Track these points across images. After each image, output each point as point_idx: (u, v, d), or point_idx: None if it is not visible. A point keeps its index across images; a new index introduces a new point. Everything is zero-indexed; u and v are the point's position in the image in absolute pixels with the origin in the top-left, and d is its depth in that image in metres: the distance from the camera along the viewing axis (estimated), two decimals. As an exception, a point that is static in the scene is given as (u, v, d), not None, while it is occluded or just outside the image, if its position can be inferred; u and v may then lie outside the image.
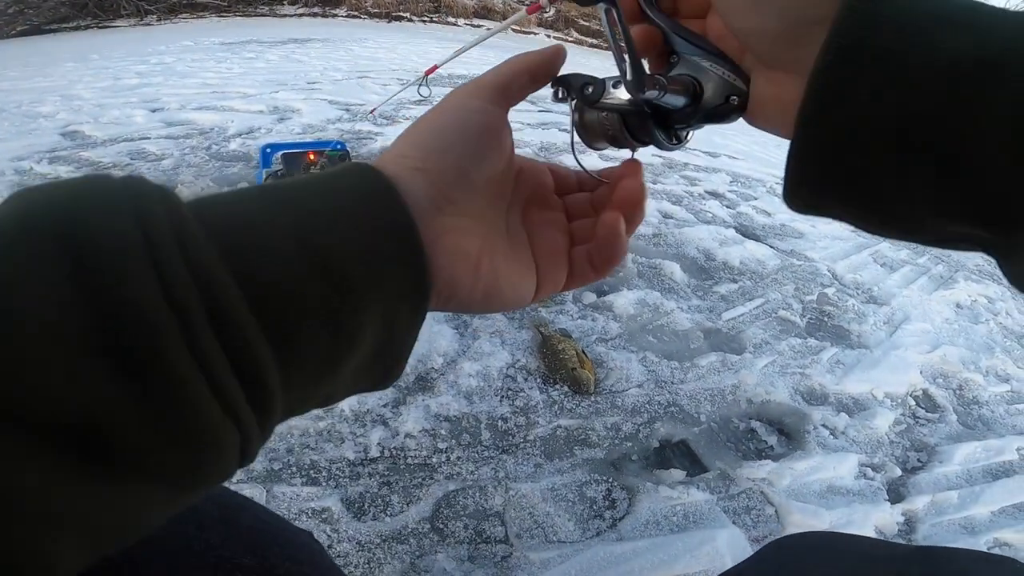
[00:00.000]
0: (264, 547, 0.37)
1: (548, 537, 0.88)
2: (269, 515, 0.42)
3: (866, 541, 0.42)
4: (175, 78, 3.59)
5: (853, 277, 1.97)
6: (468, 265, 0.26)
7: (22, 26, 7.16)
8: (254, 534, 0.38)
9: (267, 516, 0.42)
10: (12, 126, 2.54)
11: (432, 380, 1.13)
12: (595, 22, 10.67)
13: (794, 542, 0.46)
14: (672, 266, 1.68)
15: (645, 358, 1.28)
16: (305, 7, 8.85)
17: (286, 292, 0.19)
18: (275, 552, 0.37)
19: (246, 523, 0.38)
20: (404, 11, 9.29)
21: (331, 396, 0.23)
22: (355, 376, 0.23)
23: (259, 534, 0.38)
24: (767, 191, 2.84)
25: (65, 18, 7.48)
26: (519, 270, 0.29)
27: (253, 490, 0.89)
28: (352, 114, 2.93)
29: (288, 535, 0.41)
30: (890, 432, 1.24)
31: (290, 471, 0.93)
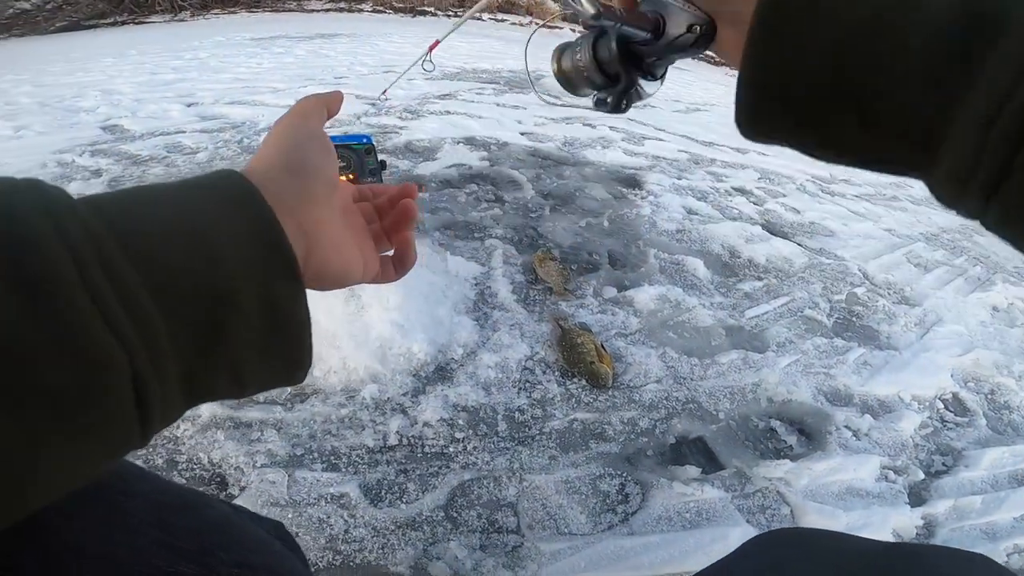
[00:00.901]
0: (207, 551, 0.35)
1: (559, 529, 0.88)
2: (220, 512, 0.39)
3: (847, 538, 0.42)
4: (208, 73, 3.69)
5: (885, 277, 1.91)
6: (333, 248, 0.32)
7: (62, 22, 7.43)
8: (196, 537, 0.35)
9: (216, 515, 0.39)
10: (55, 120, 2.65)
11: (452, 371, 1.15)
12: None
13: (777, 537, 0.47)
14: (695, 262, 1.66)
15: (665, 354, 1.27)
16: (332, 1, 8.96)
17: (165, 256, 0.22)
18: (220, 557, 0.35)
19: (187, 524, 0.36)
20: (428, 5, 9.32)
21: (238, 368, 0.25)
22: (258, 352, 0.26)
23: (202, 536, 0.36)
24: (797, 188, 2.78)
25: (103, 14, 7.74)
26: (356, 256, 0.35)
27: (276, 475, 0.92)
28: (378, 108, 2.97)
29: (240, 535, 0.38)
30: (915, 435, 1.21)
31: (311, 456, 0.96)
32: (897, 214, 2.83)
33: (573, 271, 1.56)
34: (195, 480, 0.90)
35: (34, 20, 7.39)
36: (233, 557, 0.36)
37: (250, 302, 0.24)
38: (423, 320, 1.20)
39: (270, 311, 0.25)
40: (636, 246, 1.75)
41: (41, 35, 7.00)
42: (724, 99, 5.45)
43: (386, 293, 1.17)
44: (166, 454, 0.93)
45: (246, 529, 0.40)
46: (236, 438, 0.97)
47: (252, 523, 0.44)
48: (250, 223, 0.26)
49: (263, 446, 0.96)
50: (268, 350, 0.26)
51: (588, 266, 1.61)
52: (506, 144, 2.54)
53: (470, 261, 1.50)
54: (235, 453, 0.94)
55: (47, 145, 2.27)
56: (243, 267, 0.24)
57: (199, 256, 0.23)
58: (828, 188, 2.97)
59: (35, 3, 7.68)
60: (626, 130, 3.13)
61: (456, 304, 1.31)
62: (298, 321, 0.27)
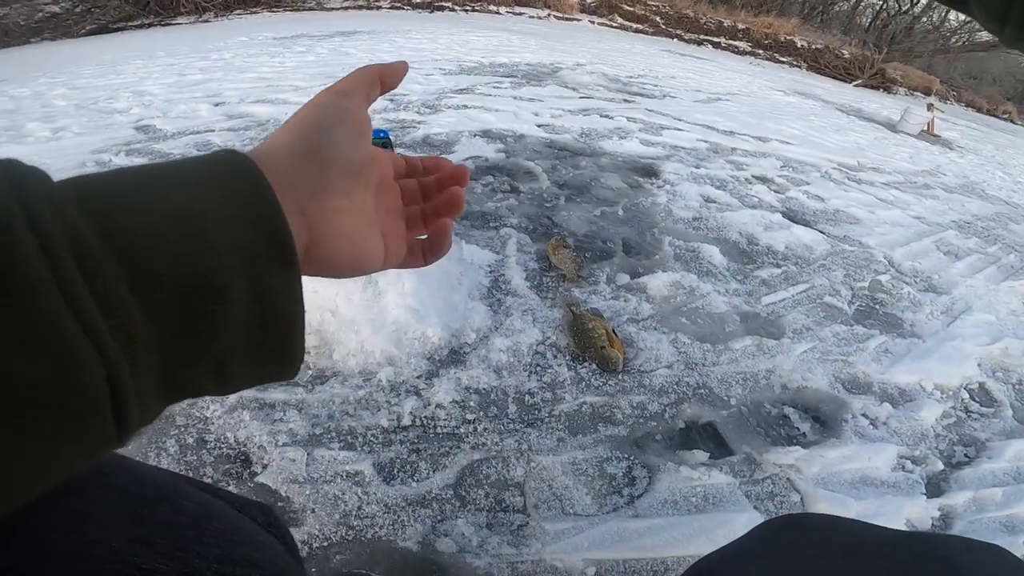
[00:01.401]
0: (184, 546, 0.33)
1: (565, 509, 0.89)
2: (199, 503, 0.37)
3: (860, 525, 0.41)
4: (234, 73, 3.78)
5: (912, 265, 1.86)
6: (346, 239, 0.30)
7: (91, 25, 7.68)
8: (172, 531, 0.33)
9: (194, 507, 0.36)
10: (91, 121, 2.75)
11: (464, 354, 1.17)
12: (639, 7, 10.37)
13: (788, 522, 0.46)
14: (711, 249, 1.64)
15: (676, 339, 1.26)
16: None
17: (147, 241, 0.21)
18: (197, 551, 0.33)
19: (162, 518, 0.34)
20: (446, 0, 9.35)
21: (223, 363, 0.24)
22: (245, 346, 0.24)
23: (179, 530, 0.34)
24: (822, 176, 2.71)
25: (130, 16, 7.97)
26: (376, 245, 0.33)
27: (296, 453, 0.95)
28: (396, 104, 3.00)
29: (220, 527, 0.36)
30: (937, 425, 1.18)
31: (330, 436, 0.99)
32: (928, 202, 2.74)
33: (587, 259, 1.56)
34: (222, 458, 0.93)
35: (64, 24, 7.66)
36: (211, 551, 0.34)
37: (240, 293, 0.23)
38: (437, 305, 1.22)
39: (261, 303, 0.24)
40: (651, 234, 1.74)
41: (72, 39, 7.24)
42: (747, 88, 5.34)
43: (402, 280, 1.19)
44: (196, 433, 0.97)
45: (227, 520, 0.38)
46: (260, 418, 1.00)
47: (237, 511, 0.41)
48: (247, 207, 0.24)
49: (285, 426, 0.99)
50: (257, 344, 0.24)
51: (602, 254, 1.61)
52: (522, 136, 2.55)
53: (485, 249, 1.52)
54: (259, 432, 0.97)
55: (85, 145, 2.37)
56: (235, 255, 0.23)
57: (187, 241, 0.22)
58: (855, 176, 2.89)
59: (64, 7, 7.96)
60: (644, 121, 3.11)
61: (470, 290, 1.33)
62: (291, 315, 0.25)
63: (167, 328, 0.21)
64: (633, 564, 0.82)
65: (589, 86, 3.94)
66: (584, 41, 6.92)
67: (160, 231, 0.21)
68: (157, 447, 0.92)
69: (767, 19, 11.13)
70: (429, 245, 0.38)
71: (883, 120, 5.45)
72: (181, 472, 0.91)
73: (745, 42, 10.28)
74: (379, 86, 0.35)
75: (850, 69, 9.79)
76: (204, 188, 0.24)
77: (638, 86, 4.26)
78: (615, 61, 5.39)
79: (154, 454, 0.91)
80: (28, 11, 7.83)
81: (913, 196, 2.74)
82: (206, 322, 0.22)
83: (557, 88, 3.73)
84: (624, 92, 3.93)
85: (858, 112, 5.68)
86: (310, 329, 1.17)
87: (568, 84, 3.92)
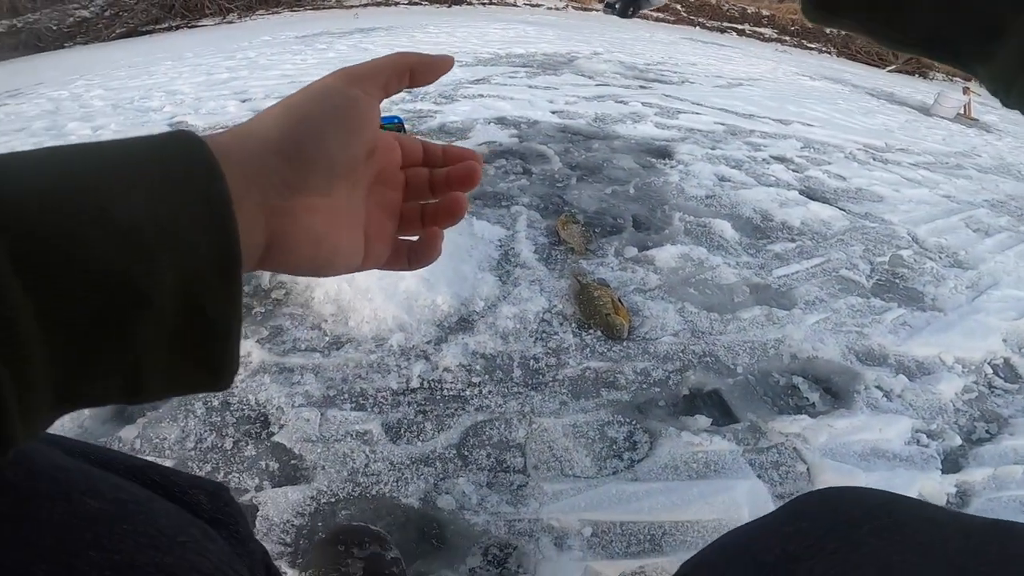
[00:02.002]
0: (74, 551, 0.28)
1: (564, 471, 0.90)
2: (113, 501, 0.32)
3: (928, 507, 0.35)
4: (259, 71, 3.88)
5: (937, 241, 1.81)
6: (311, 242, 0.27)
7: (120, 28, 7.96)
8: (63, 532, 0.29)
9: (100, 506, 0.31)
10: (127, 120, 2.87)
11: (472, 321, 1.19)
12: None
13: (838, 498, 0.38)
14: (723, 224, 1.62)
15: (683, 308, 1.26)
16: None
17: (54, 239, 0.18)
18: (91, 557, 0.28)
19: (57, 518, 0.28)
20: (465, -6, 9.38)
21: (136, 378, 0.21)
22: (166, 358, 0.21)
23: (72, 531, 0.29)
24: (845, 156, 2.65)
25: (157, 19, 8.23)
26: (353, 247, 0.31)
27: (311, 413, 0.98)
28: (414, 95, 3.04)
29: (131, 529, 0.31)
30: (956, 399, 1.14)
31: (342, 397, 1.02)
32: (960, 181, 2.65)
33: (596, 233, 1.56)
34: (243, 419, 0.97)
35: (95, 28, 7.95)
36: (109, 557, 0.29)
37: (166, 298, 0.20)
38: (448, 275, 1.25)
39: (191, 311, 0.21)
40: (661, 210, 1.73)
41: (103, 42, 7.52)
42: (770, 74, 5.22)
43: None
44: (222, 395, 1.01)
45: (141, 521, 0.32)
46: (280, 381, 1.04)
47: (175, 498, 0.37)
48: (188, 199, 0.21)
49: (302, 388, 1.02)
50: (179, 355, 0.22)
51: (611, 229, 1.61)
52: (536, 122, 2.55)
53: (495, 225, 1.53)
54: (278, 395, 1.01)
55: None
56: (167, 254, 0.20)
57: (109, 234, 0.19)
58: (881, 157, 2.81)
59: (93, 11, 8.27)
60: (660, 105, 3.07)
61: (480, 262, 1.35)
62: (224, 325, 0.22)
63: (70, 336, 0.18)
64: (629, 527, 0.83)
65: (605, 74, 3.92)
66: (602, 31, 6.87)
67: (77, 221, 0.18)
68: (186, 409, 0.97)
69: (792, 5, 10.84)
70: (416, 251, 0.35)
71: (916, 104, 5.26)
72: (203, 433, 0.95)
73: (771, 29, 10.04)
74: (407, 78, 0.32)
75: (882, 55, 9.47)
76: (141, 172, 0.21)
77: (656, 73, 4.21)
78: (633, 49, 5.34)
79: (182, 415, 0.96)
80: (59, 16, 8.16)
81: (943, 176, 2.65)
82: (121, 328, 0.19)
83: (573, 76, 3.72)
84: (641, 79, 3.89)
85: (889, 96, 5.50)
86: (328, 298, 1.20)
87: (584, 72, 3.90)
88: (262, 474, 0.87)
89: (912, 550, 0.30)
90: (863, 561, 0.31)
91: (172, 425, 0.94)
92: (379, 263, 0.34)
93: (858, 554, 0.31)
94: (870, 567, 0.30)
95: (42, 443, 0.33)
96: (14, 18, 8.18)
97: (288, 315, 1.19)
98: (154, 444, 0.91)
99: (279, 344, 1.11)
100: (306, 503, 0.83)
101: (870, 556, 0.31)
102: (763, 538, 0.39)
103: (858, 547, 0.32)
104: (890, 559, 0.30)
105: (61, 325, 0.18)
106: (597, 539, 0.81)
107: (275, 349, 1.10)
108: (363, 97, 0.29)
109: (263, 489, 0.85)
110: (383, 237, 0.33)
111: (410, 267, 0.35)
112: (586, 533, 0.81)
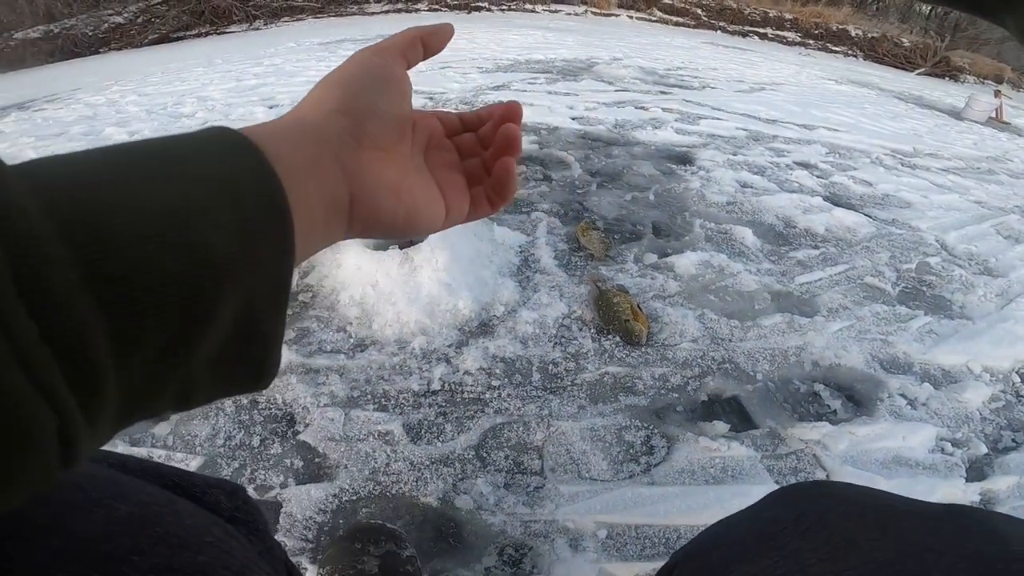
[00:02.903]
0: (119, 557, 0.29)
1: (581, 474, 0.91)
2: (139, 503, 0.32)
3: (890, 496, 0.38)
4: (285, 77, 3.97)
5: (967, 248, 1.77)
6: (390, 191, 0.29)
7: (153, 34, 8.24)
8: (105, 541, 0.29)
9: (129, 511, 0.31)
10: (161, 125, 2.97)
11: (493, 326, 1.20)
12: (679, 0, 10.17)
13: (811, 490, 0.41)
14: (744, 231, 1.62)
15: (703, 315, 1.25)
16: (390, 3, 9.32)
17: (129, 256, 0.17)
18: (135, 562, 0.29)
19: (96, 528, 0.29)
20: (483, 0, 9.45)
21: (188, 390, 0.21)
22: (218, 365, 0.21)
23: (112, 539, 0.29)
24: (872, 162, 2.61)
25: (188, 26, 8.49)
26: (432, 196, 0.32)
27: (335, 413, 1.01)
28: (435, 102, 3.08)
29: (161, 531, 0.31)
30: (983, 408, 1.12)
31: (366, 398, 1.04)
32: (991, 187, 2.58)
33: (615, 240, 1.57)
34: (270, 418, 1.00)
35: (128, 33, 8.23)
36: (149, 561, 0.29)
37: (227, 314, 0.20)
38: (469, 281, 1.27)
39: (249, 324, 0.21)
40: (681, 217, 1.73)
41: (136, 48, 7.78)
42: (793, 78, 5.15)
43: (435, 256, 1.25)
44: (250, 395, 1.04)
45: (169, 522, 0.32)
46: (306, 382, 1.06)
47: (195, 499, 0.37)
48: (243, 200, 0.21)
49: (327, 388, 1.05)
50: (231, 362, 0.21)
51: (631, 236, 1.61)
52: (556, 128, 2.57)
53: (516, 231, 1.55)
54: (304, 395, 1.03)
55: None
56: (231, 264, 0.19)
57: (175, 249, 0.18)
58: (909, 162, 2.76)
59: (127, 17, 8.56)
60: (680, 111, 3.06)
61: (500, 268, 1.37)
62: (273, 335, 0.22)
63: (137, 362, 0.18)
64: (644, 530, 0.83)
65: (625, 79, 3.92)
66: (622, 36, 6.86)
67: (144, 238, 0.18)
68: (216, 407, 1.00)
69: (816, 8, 10.67)
70: (494, 187, 0.34)
71: (946, 107, 5.14)
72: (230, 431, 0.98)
73: (794, 32, 9.90)
74: (420, 49, 0.34)
75: (911, 58, 9.26)
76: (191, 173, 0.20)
77: (676, 78, 4.19)
78: (653, 55, 5.32)
79: (213, 413, 0.99)
80: (94, 22, 8.47)
81: (974, 181, 2.59)
82: (185, 347, 0.19)
83: (592, 82, 3.72)
84: (661, 84, 3.88)
85: (918, 99, 5.38)
86: (352, 302, 1.24)
87: (604, 78, 3.91)
88: (287, 471, 0.89)
89: (873, 528, 0.33)
90: (831, 538, 0.34)
91: (203, 423, 0.97)
92: (462, 214, 0.34)
93: (827, 532, 0.34)
94: (838, 542, 0.33)
95: None
96: (51, 23, 8.51)
97: (314, 318, 1.22)
98: (186, 441, 0.94)
99: (305, 346, 1.14)
100: (328, 500, 0.85)
101: (837, 534, 0.34)
102: (744, 523, 0.42)
103: (827, 527, 0.35)
104: (854, 536, 0.33)
105: (131, 355, 0.18)
106: (612, 541, 0.81)
107: (302, 351, 1.13)
108: (393, 64, 0.31)
109: (287, 486, 0.87)
110: (457, 189, 0.34)
111: (493, 208, 0.35)
112: (601, 535, 0.82)
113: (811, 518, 0.36)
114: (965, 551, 0.29)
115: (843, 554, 0.32)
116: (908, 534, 0.32)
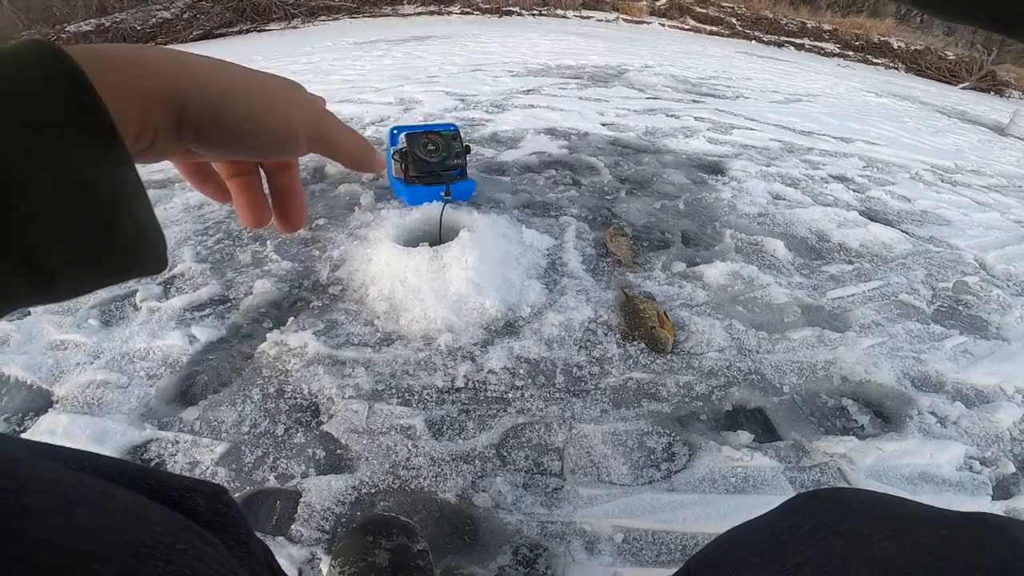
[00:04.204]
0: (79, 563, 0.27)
1: (601, 477, 0.91)
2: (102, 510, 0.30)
3: (910, 503, 0.37)
4: (321, 75, 4.07)
5: (1006, 268, 1.71)
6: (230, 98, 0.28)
7: (197, 30, 8.58)
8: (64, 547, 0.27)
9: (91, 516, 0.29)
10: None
11: (519, 327, 1.22)
12: (712, 9, 10.06)
13: (830, 496, 0.41)
14: (775, 243, 1.59)
15: (731, 326, 1.24)
16: (423, 5, 9.48)
17: None
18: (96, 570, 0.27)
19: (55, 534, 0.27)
20: (514, 5, 9.52)
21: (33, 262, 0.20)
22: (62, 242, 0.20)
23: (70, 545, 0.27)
24: (911, 177, 2.54)
25: (230, 22, 8.81)
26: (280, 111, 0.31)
27: (359, 405, 1.03)
28: (467, 104, 3.12)
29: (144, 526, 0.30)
30: (1015, 428, 1.09)
31: (390, 392, 1.06)
32: (1034, 206, 2.49)
33: (644, 247, 1.56)
34: (295, 407, 1.02)
35: (175, 29, 8.58)
36: (110, 569, 0.28)
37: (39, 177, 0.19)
38: (496, 281, 1.28)
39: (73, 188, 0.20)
40: (712, 227, 1.71)
41: (182, 43, 8.08)
42: (831, 90, 5.05)
43: (465, 255, 1.27)
44: (277, 384, 1.07)
45: (137, 528, 0.31)
46: (332, 373, 1.09)
47: (171, 503, 0.37)
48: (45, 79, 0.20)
49: (352, 381, 1.07)
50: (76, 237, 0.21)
51: (659, 243, 1.60)
52: (586, 134, 2.57)
53: (544, 235, 1.56)
54: (329, 385, 1.06)
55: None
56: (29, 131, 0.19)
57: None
58: (950, 178, 2.68)
59: (174, 13, 8.89)
60: (712, 120, 3.04)
61: (528, 270, 1.38)
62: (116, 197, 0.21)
63: None
64: (662, 536, 0.83)
65: (656, 87, 3.90)
66: (653, 43, 6.83)
67: None
68: (244, 394, 1.03)
69: (856, 19, 10.44)
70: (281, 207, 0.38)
71: (990, 123, 4.98)
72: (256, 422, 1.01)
73: (832, 43, 9.70)
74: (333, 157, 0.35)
75: (955, 71, 8.99)
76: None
77: (709, 87, 4.15)
78: (685, 63, 5.28)
79: (240, 401, 1.02)
80: (143, 16, 8.84)
81: (1016, 200, 2.50)
82: None
83: (623, 89, 3.72)
84: (693, 93, 3.85)
85: (962, 114, 5.22)
86: (381, 296, 1.26)
87: (634, 85, 3.90)
88: (308, 461, 0.91)
89: (888, 538, 0.33)
90: (847, 546, 0.34)
91: (231, 409, 1.00)
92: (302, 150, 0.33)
93: (842, 541, 0.34)
94: (853, 552, 0.33)
95: (32, 454, 0.32)
96: (102, 17, 8.88)
97: (343, 310, 1.25)
98: (212, 427, 0.97)
99: (333, 337, 1.17)
100: (348, 492, 0.86)
101: (852, 542, 0.34)
102: (760, 530, 0.42)
103: (843, 536, 0.35)
104: (870, 545, 0.33)
105: None
106: (628, 546, 0.81)
107: (329, 342, 1.16)
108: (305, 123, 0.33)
109: (308, 476, 0.89)
110: None
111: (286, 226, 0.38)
112: (617, 539, 0.82)
113: (827, 527, 0.36)
114: (982, 560, 0.29)
115: (856, 565, 0.32)
116: (924, 543, 0.31)
